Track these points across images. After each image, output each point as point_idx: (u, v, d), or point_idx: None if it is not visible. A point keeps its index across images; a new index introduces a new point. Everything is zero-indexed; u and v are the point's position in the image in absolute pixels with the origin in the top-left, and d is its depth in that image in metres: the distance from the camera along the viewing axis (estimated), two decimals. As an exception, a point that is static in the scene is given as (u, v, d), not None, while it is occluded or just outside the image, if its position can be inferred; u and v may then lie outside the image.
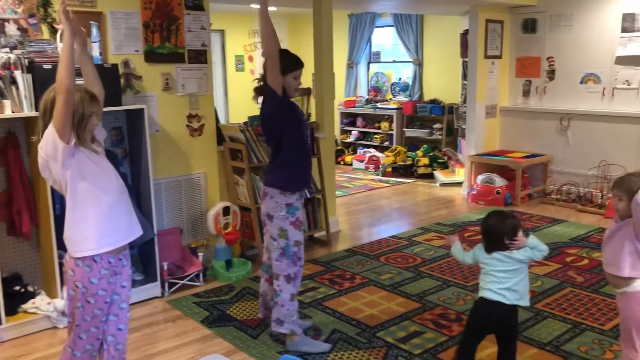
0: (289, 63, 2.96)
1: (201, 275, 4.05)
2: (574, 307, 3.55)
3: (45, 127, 2.21)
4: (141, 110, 3.70)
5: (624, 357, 2.50)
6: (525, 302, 2.57)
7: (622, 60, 5.78)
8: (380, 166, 8.05)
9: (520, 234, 2.55)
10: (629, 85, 5.76)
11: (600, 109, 5.99)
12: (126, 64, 3.85)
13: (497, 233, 2.56)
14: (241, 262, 4.32)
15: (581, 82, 6.14)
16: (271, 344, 3.17)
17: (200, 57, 4.21)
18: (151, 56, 3.96)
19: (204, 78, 4.25)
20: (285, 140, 2.98)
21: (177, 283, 3.95)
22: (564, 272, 4.15)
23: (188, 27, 4.11)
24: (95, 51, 3.57)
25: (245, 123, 4.66)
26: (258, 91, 3.09)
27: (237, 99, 9.00)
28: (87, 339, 2.31)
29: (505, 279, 2.54)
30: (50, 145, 2.18)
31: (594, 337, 3.16)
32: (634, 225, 2.35)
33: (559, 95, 6.35)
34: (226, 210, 4.29)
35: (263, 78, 3.04)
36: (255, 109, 9.58)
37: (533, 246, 2.54)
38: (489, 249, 2.59)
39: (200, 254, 4.13)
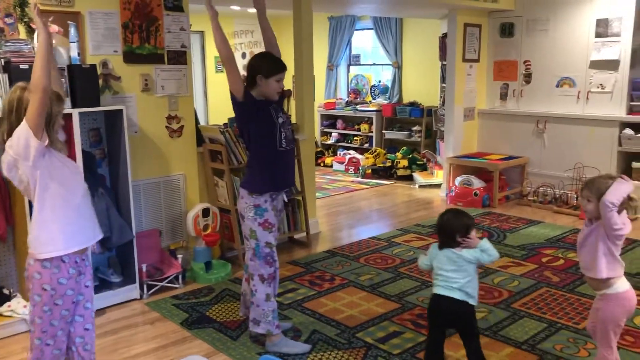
0: (271, 67, 2.99)
1: (180, 277, 4.03)
2: (550, 307, 3.61)
3: (10, 126, 2.20)
4: (120, 111, 3.68)
5: (600, 356, 2.55)
6: (474, 302, 2.67)
7: (596, 65, 5.90)
8: (360, 168, 8.08)
9: (473, 233, 2.66)
10: (602, 89, 5.88)
11: (576, 112, 6.10)
12: (105, 64, 3.82)
13: (450, 229, 2.67)
14: (221, 263, 4.31)
15: (557, 86, 6.25)
16: (251, 345, 3.17)
17: (179, 58, 4.20)
18: (130, 57, 3.94)
19: (183, 79, 4.24)
20: (252, 141, 3.01)
21: (156, 285, 3.93)
22: (540, 272, 4.22)
23: (167, 28, 4.09)
24: (74, 51, 3.53)
25: (225, 124, 4.65)
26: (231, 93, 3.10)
27: (217, 100, 8.97)
28: (54, 345, 2.30)
29: (453, 279, 2.63)
30: (22, 143, 2.16)
31: (569, 335, 3.22)
32: (604, 226, 2.41)
33: (536, 98, 6.45)
34: (206, 212, 4.28)
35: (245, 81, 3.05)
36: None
37: (484, 249, 2.64)
38: (441, 245, 2.70)
39: (180, 256, 4.11)
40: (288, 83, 7.78)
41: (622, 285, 2.48)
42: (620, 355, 2.91)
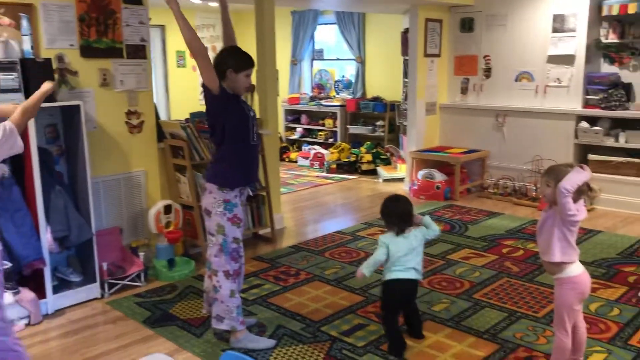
0: (241, 62, 2.97)
1: (142, 275, 3.97)
2: (510, 296, 3.69)
3: None
4: (77, 107, 3.58)
5: (556, 340, 2.64)
6: (421, 277, 3.07)
7: (553, 59, 6.04)
8: (325, 163, 8.10)
9: (415, 213, 3.06)
10: (559, 83, 6.03)
11: (534, 105, 6.24)
12: (60, 58, 3.71)
13: (408, 213, 3.03)
14: (184, 260, 4.26)
15: (516, 80, 6.38)
16: (215, 342, 3.14)
17: (139, 52, 4.12)
18: (87, 51, 3.84)
19: (143, 74, 4.16)
20: (227, 136, 2.97)
21: (118, 283, 3.86)
22: (500, 262, 4.31)
23: (126, 21, 4.01)
24: (26, 44, 3.43)
25: (186, 119, 4.58)
26: (204, 87, 3.05)
27: (179, 95, 8.84)
28: None
29: (409, 261, 2.97)
30: None
31: (529, 324, 3.30)
32: (559, 212, 2.49)
33: (495, 92, 6.58)
34: (167, 209, 4.22)
35: None
36: (197, 105, 9.42)
37: (428, 224, 3.04)
38: (400, 231, 3.01)
39: (142, 254, 4.04)
40: (252, 78, 7.72)
41: (575, 269, 2.57)
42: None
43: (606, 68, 5.93)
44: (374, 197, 6.54)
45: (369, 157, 7.82)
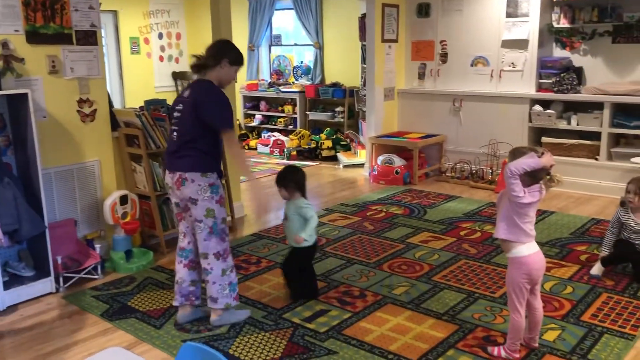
0: (238, 57, 3.16)
1: (99, 267, 3.88)
2: (468, 278, 3.77)
3: None
4: (24, 95, 3.44)
5: (511, 320, 2.71)
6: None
7: (507, 44, 6.15)
8: (285, 150, 8.06)
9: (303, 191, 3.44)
10: (514, 67, 6.15)
11: (489, 90, 6.35)
12: (5, 44, 3.56)
13: (303, 180, 3.43)
14: (142, 252, 4.18)
15: (471, 65, 6.47)
16: (175, 334, 3.10)
17: (89, 38, 3.98)
18: (34, 37, 3.69)
19: (94, 60, 4.03)
20: (209, 129, 3.00)
21: (73, 277, 3.75)
22: (458, 245, 4.39)
23: (74, 6, 3.86)
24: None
25: (141, 107, 4.47)
26: (196, 69, 3.11)
27: (133, 83, 8.63)
28: None
29: (296, 229, 3.38)
30: None
31: (486, 304, 3.38)
32: (507, 191, 2.61)
33: (452, 77, 6.66)
34: (124, 199, 4.12)
35: (202, 58, 3.09)
36: (152, 92, 9.16)
37: (306, 205, 3.42)
38: (294, 194, 3.42)
39: (98, 246, 3.95)
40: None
41: (522, 250, 2.66)
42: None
43: (558, 52, 6.07)
44: (335, 183, 6.56)
45: (329, 143, 7.82)
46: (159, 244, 4.37)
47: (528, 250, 2.66)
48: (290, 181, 3.44)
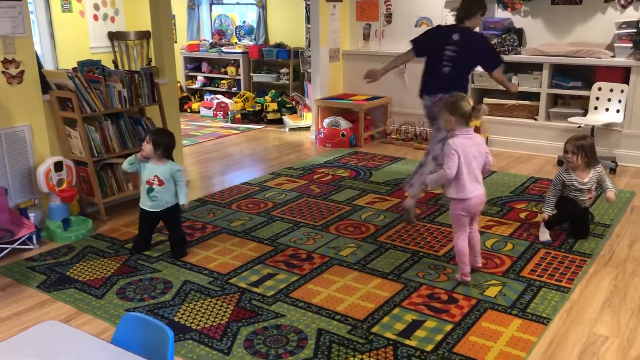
0: (485, 10, 3.99)
1: (34, 237, 3.70)
2: (412, 237, 3.83)
3: None
4: (-59, 55, 3.18)
5: (455, 247, 3.21)
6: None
7: (450, 5, 6.15)
8: (229, 113, 7.89)
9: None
10: (457, 29, 6.16)
11: (433, 51, 6.35)
12: None
13: (158, 143, 3.44)
14: (80, 220, 4.02)
15: (416, 26, 6.45)
16: (118, 302, 3.02)
17: (12, -7, 3.69)
18: (-51, -9, 3.39)
19: (19, 17, 3.75)
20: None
21: (6, 248, 3.57)
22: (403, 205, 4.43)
23: (-6, -43, 3.57)
24: None
25: (74, 69, 4.22)
26: (459, 20, 3.98)
27: (66, 43, 8.15)
28: None
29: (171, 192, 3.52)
30: None
31: (430, 263, 3.44)
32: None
33: (397, 38, 6.63)
34: (58, 166, 3.93)
35: (461, 11, 3.96)
36: (86, 53, 8.72)
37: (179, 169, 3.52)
38: (166, 156, 3.49)
39: (32, 215, 3.77)
40: (146, 24, 7.26)
41: (452, 193, 3.11)
42: (473, 276, 3.19)
43: (500, 13, 6.12)
44: (281, 147, 6.49)
45: (274, 106, 7.70)
46: (99, 212, 4.21)
47: (459, 193, 3.08)
48: (166, 145, 3.50)
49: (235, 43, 8.72)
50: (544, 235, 3.73)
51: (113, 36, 8.22)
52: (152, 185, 3.48)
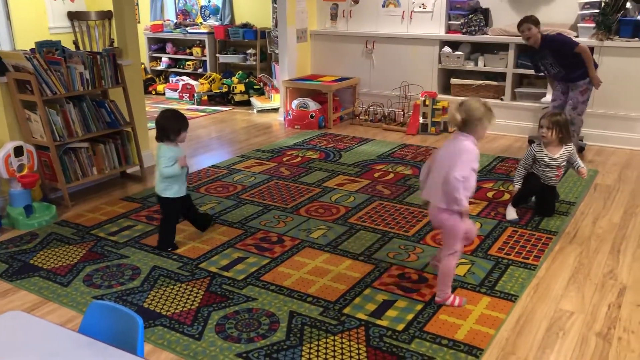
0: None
1: (-5, 225, 3.59)
2: (383, 218, 3.84)
3: None
4: None
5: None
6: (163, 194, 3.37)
7: (418, -15, 6.13)
8: (195, 95, 7.76)
9: (183, 134, 3.35)
10: (424, 8, 6.17)
11: (401, 32, 6.35)
12: None
13: (165, 127, 3.28)
14: (44, 206, 3.91)
15: (383, 6, 6.42)
16: (85, 290, 2.95)
17: (-37, -30, 3.52)
18: None
19: (-29, -4, 3.58)
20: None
21: (-35, 237, 3.46)
22: (372, 187, 4.45)
23: None
24: None
25: (32, 50, 4.07)
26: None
27: (24, 23, 7.85)
28: None
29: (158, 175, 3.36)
30: None
31: (400, 243, 3.47)
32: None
33: (364, 18, 6.59)
34: (18, 151, 3.79)
35: None
36: (45, 33, 8.43)
37: (162, 155, 3.29)
38: (159, 138, 3.31)
39: (-8, 202, 3.64)
40: (107, 3, 7.04)
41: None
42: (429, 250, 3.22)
43: (466, -6, 6.14)
44: (249, 129, 6.42)
45: (241, 87, 7.60)
46: (63, 198, 4.10)
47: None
48: (159, 126, 3.32)
49: (201, 23, 8.55)
50: (511, 214, 3.79)
51: (73, 16, 7.95)
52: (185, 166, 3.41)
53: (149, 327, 2.61)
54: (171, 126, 3.28)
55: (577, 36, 5.49)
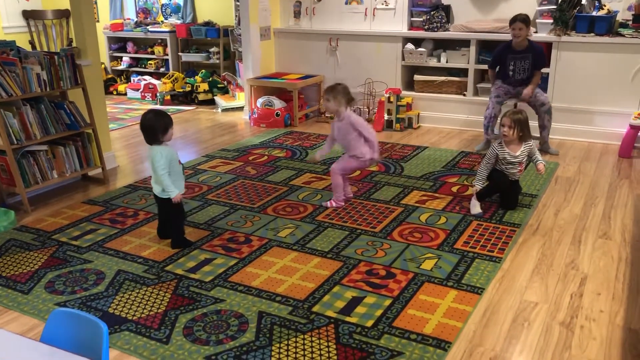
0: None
1: (-50, 233, 3.46)
2: (350, 215, 3.85)
3: None
4: None
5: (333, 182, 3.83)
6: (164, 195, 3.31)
7: (380, -18, 6.17)
8: (158, 94, 7.63)
9: (170, 132, 3.25)
10: (387, 5, 6.20)
11: (364, 29, 6.38)
12: None
13: (152, 128, 3.20)
14: (1, 212, 3.78)
15: (346, 3, 6.43)
16: (47, 297, 2.87)
17: None
18: None
19: None
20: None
21: None
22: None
23: None
24: None
25: (-15, 50, 3.94)
26: None
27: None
28: None
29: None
30: None
31: (368, 239, 3.48)
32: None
33: (327, 16, 6.59)
34: (-27, 155, 3.67)
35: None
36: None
37: (155, 153, 3.23)
38: (148, 141, 3.25)
39: (-54, 209, 3.50)
40: (64, 2, 6.86)
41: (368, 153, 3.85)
42: (409, 249, 3.25)
43: (428, -9, 6.20)
44: (214, 128, 6.35)
45: (205, 86, 7.51)
46: (22, 202, 3.98)
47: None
48: (144, 128, 3.26)
49: (162, 22, 8.42)
50: (475, 207, 3.85)
51: (28, 15, 7.72)
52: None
53: (115, 333, 2.56)
54: (157, 126, 3.22)
55: (536, 32, 5.61)
